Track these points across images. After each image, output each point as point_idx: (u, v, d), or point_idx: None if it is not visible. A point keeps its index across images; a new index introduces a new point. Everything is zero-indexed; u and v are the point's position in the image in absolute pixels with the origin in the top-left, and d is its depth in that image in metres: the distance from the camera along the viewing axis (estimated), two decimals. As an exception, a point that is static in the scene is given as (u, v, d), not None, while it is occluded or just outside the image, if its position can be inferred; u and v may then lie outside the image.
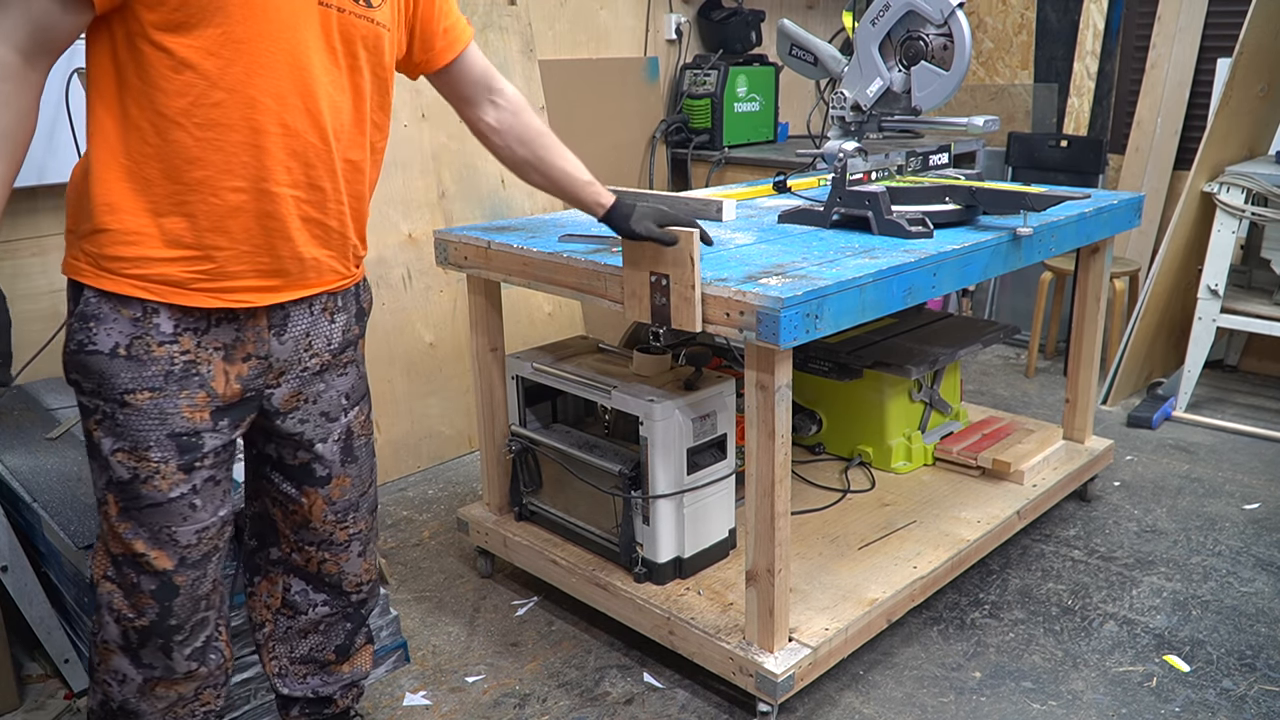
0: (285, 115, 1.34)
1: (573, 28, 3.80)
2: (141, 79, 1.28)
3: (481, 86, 1.73)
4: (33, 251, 2.53)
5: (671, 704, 2.10)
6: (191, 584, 1.49)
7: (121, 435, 1.39)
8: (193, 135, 1.30)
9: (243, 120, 1.31)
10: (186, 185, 1.32)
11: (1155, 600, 2.45)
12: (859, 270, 1.84)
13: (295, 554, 1.70)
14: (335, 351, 1.57)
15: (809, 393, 2.86)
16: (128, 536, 1.43)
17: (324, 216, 1.45)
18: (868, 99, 2.30)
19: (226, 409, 1.45)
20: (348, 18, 1.39)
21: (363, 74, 1.44)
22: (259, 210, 1.36)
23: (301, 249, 1.43)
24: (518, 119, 1.77)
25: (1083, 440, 2.93)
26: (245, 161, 1.33)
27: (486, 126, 1.77)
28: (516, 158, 1.81)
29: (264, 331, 1.46)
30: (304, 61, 1.34)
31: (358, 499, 1.68)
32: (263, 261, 1.40)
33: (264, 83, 1.31)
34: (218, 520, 1.49)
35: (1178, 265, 3.68)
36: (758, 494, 1.86)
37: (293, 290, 1.46)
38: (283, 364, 1.50)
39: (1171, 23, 4.24)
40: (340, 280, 1.54)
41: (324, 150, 1.40)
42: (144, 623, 1.48)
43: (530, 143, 1.79)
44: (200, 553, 1.48)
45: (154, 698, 1.55)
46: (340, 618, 1.78)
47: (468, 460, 3.34)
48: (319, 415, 1.57)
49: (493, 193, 3.42)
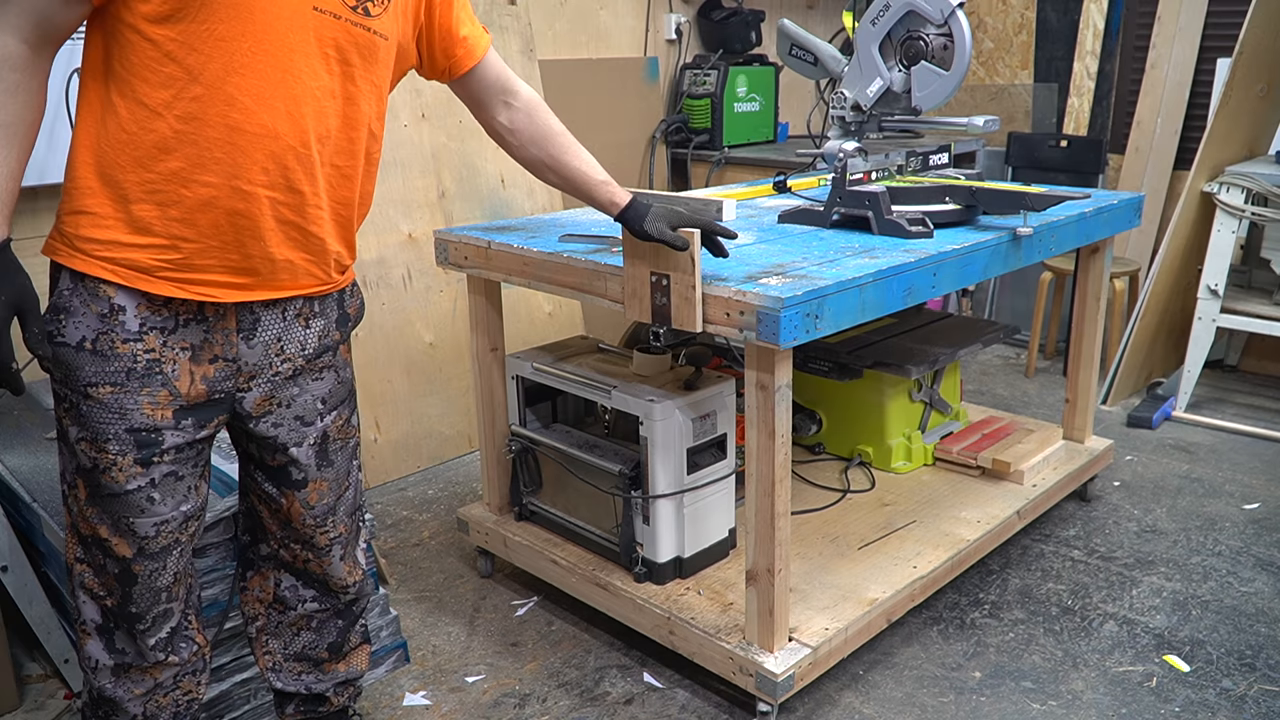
0: (264, 116, 1.35)
1: (573, 28, 3.80)
2: (126, 68, 1.30)
3: (497, 90, 1.74)
4: (33, 251, 2.53)
5: (671, 704, 2.10)
6: (149, 575, 1.50)
7: (84, 425, 1.42)
8: (171, 126, 1.32)
9: (219, 117, 1.32)
10: (159, 175, 1.33)
11: (1155, 600, 2.45)
12: (859, 270, 1.84)
13: (283, 550, 1.71)
14: (310, 357, 1.56)
15: (809, 393, 2.86)
16: (94, 521, 1.47)
17: (302, 220, 1.44)
18: (868, 99, 2.30)
19: (191, 409, 1.45)
20: (343, 25, 1.40)
21: (356, 82, 1.44)
22: (230, 207, 1.37)
23: (273, 250, 1.43)
24: (532, 120, 1.77)
25: (1083, 440, 2.93)
26: (219, 158, 1.34)
27: (501, 128, 1.77)
28: (531, 158, 1.81)
29: (232, 334, 1.46)
30: (288, 65, 1.35)
31: (334, 502, 1.67)
32: (231, 258, 1.40)
33: (243, 81, 1.32)
34: (179, 515, 1.50)
35: (1178, 265, 3.68)
36: (758, 494, 1.86)
37: (263, 291, 1.45)
38: (252, 368, 1.50)
39: (1171, 23, 4.24)
40: (318, 286, 1.53)
41: (305, 154, 1.40)
42: (111, 602, 1.52)
43: (545, 143, 1.79)
44: (159, 545, 1.49)
45: (129, 683, 1.56)
46: (331, 614, 1.78)
47: (468, 460, 3.34)
48: (293, 419, 1.57)
49: (493, 193, 3.42)
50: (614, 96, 3.97)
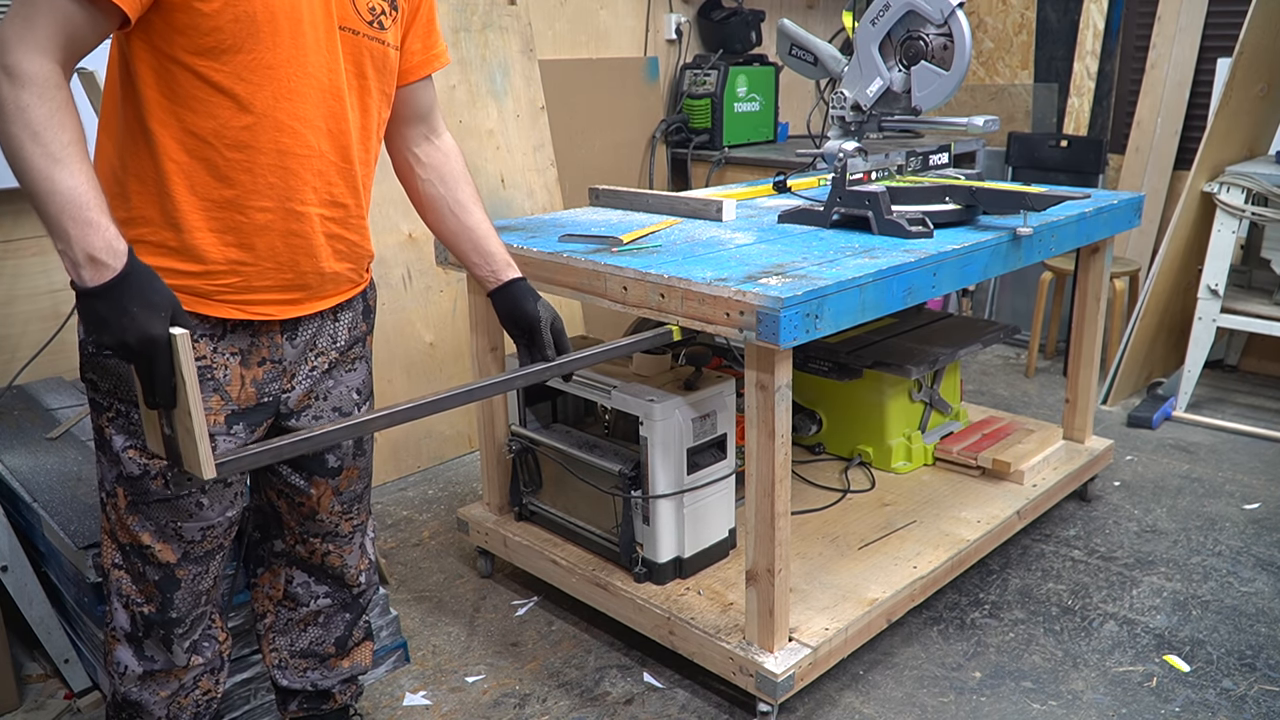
0: (310, 137, 1.37)
1: (573, 28, 3.80)
2: (170, 98, 1.30)
3: (425, 115, 1.67)
4: (34, 251, 2.53)
5: (671, 704, 2.10)
6: (193, 579, 1.53)
7: (135, 434, 1.43)
8: (223, 155, 1.32)
9: (271, 143, 1.34)
10: (214, 203, 1.34)
11: (1155, 600, 2.45)
12: (859, 270, 1.84)
13: (299, 546, 1.73)
14: (342, 349, 1.59)
15: (809, 393, 2.86)
16: (135, 529, 1.47)
17: (346, 232, 1.48)
18: (868, 99, 2.30)
19: (241, 414, 1.47)
20: (362, 40, 1.42)
21: (371, 93, 1.47)
22: (285, 229, 1.39)
23: (324, 264, 1.46)
24: (447, 162, 1.70)
25: (1083, 440, 2.93)
26: (273, 182, 1.36)
27: (413, 156, 1.69)
28: (434, 194, 1.70)
29: (277, 336, 1.48)
30: (328, 85, 1.38)
31: (362, 491, 1.73)
32: (286, 277, 1.43)
33: (292, 107, 1.34)
34: (225, 520, 1.53)
35: (1178, 265, 3.68)
36: (758, 494, 1.86)
37: (313, 303, 1.49)
38: (293, 366, 1.53)
39: (1171, 23, 4.24)
40: (354, 289, 1.58)
41: (346, 169, 1.44)
42: (150, 609, 1.52)
43: (452, 185, 1.70)
44: (204, 549, 1.52)
45: (155, 686, 1.58)
46: (339, 609, 1.81)
47: (468, 460, 3.34)
48: (331, 410, 1.60)
49: (493, 193, 3.42)
50: (614, 96, 3.97)
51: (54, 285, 2.56)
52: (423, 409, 1.48)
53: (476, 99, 3.38)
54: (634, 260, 1.96)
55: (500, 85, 3.45)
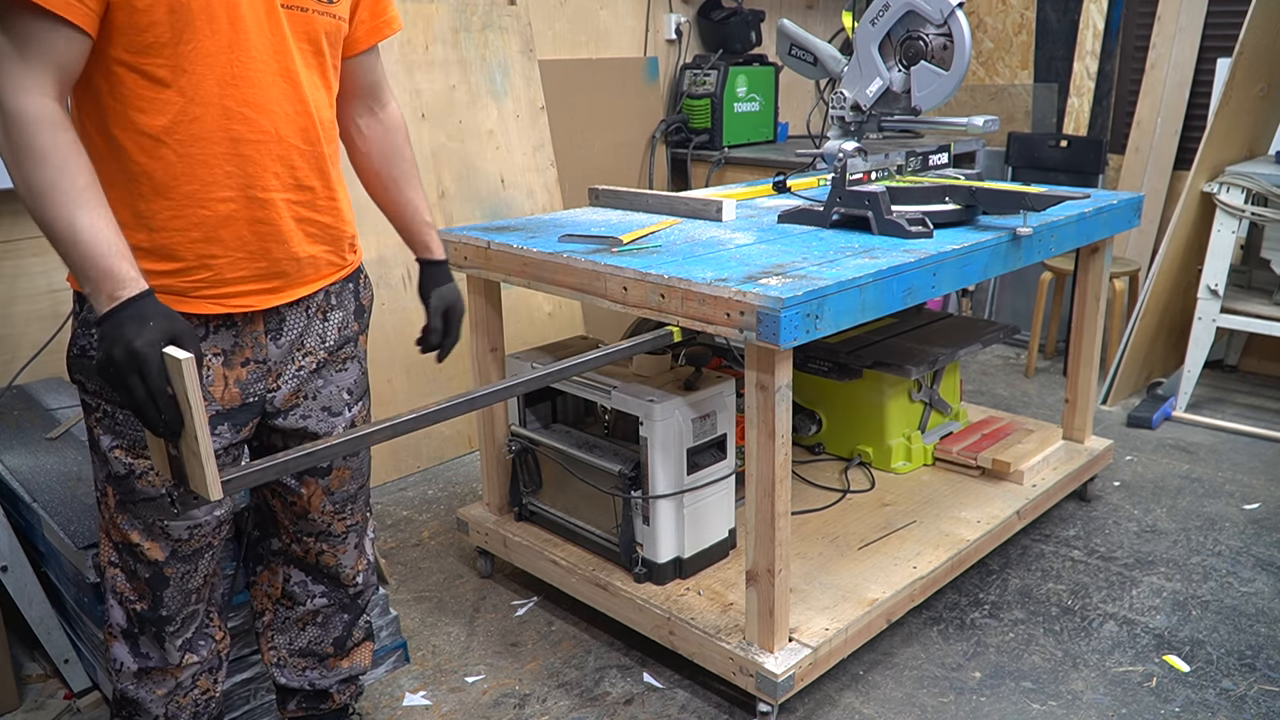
0: (264, 122, 1.36)
1: (573, 28, 3.80)
2: (119, 100, 1.29)
3: (371, 88, 1.66)
4: (33, 251, 2.53)
5: (671, 704, 2.10)
6: (182, 577, 1.53)
7: (120, 434, 1.43)
8: (176, 151, 1.32)
9: (222, 131, 1.33)
10: (176, 201, 1.34)
11: (1155, 600, 2.45)
12: (859, 270, 1.84)
13: (295, 545, 1.73)
14: (331, 349, 1.58)
15: (809, 393, 2.86)
16: (124, 527, 1.48)
17: (316, 214, 1.47)
18: (867, 99, 2.30)
19: (225, 415, 1.47)
20: (313, 16, 1.40)
21: (328, 68, 1.46)
22: (250, 217, 1.39)
23: (297, 249, 1.45)
24: (388, 136, 1.69)
25: (1082, 440, 2.93)
26: (230, 171, 1.35)
27: (356, 129, 1.68)
28: (372, 169, 1.71)
29: (261, 336, 1.48)
30: (277, 67, 1.36)
31: (355, 491, 1.72)
32: (260, 266, 1.42)
33: (239, 93, 1.33)
34: (213, 519, 1.53)
35: (1178, 265, 3.68)
36: (758, 494, 1.86)
37: (293, 290, 1.48)
38: (279, 366, 1.52)
39: (1171, 23, 4.24)
40: (338, 272, 1.55)
41: (309, 150, 1.42)
42: (142, 606, 1.54)
43: (391, 160, 1.70)
44: (192, 548, 1.52)
45: (151, 684, 1.59)
46: (337, 609, 1.80)
47: (468, 460, 3.34)
48: (320, 410, 1.59)
49: (493, 193, 3.42)
50: (614, 96, 3.97)
51: (54, 285, 2.56)
52: (425, 419, 1.47)
53: (476, 99, 3.38)
54: (634, 260, 1.96)
55: (500, 85, 3.45)
